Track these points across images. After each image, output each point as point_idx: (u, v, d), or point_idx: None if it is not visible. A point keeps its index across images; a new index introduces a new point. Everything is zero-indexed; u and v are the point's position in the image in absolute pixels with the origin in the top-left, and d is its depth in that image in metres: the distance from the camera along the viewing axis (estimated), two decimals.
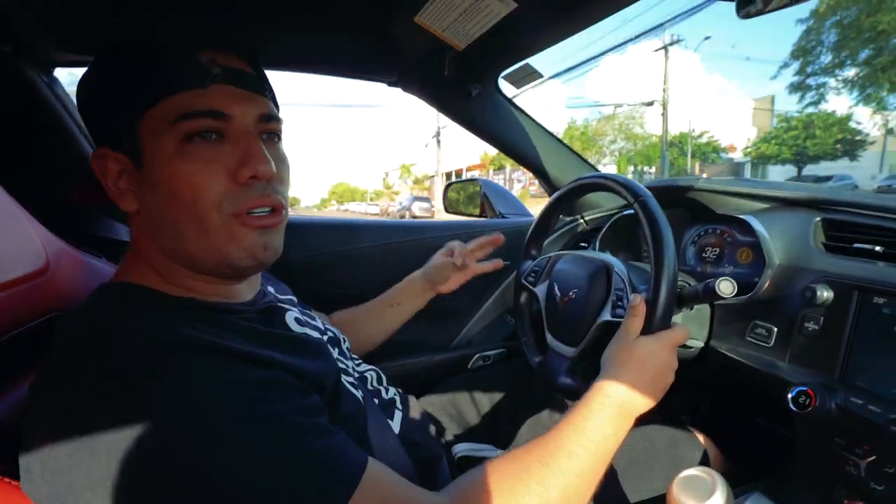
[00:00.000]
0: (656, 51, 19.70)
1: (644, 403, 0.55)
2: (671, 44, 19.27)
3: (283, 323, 0.55)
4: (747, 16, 0.55)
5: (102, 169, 0.49)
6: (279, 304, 0.59)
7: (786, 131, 21.11)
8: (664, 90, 19.61)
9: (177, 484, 0.35)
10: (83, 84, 0.51)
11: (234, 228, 0.47)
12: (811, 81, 15.84)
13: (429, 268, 0.93)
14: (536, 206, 1.16)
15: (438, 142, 28.19)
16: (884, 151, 19.34)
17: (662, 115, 19.95)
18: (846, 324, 0.60)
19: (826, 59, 15.03)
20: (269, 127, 0.51)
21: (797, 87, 16.27)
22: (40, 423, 0.38)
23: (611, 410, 0.53)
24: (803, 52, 15.41)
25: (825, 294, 0.62)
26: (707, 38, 21.58)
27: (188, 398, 0.38)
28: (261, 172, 0.47)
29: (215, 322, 0.46)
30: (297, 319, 0.57)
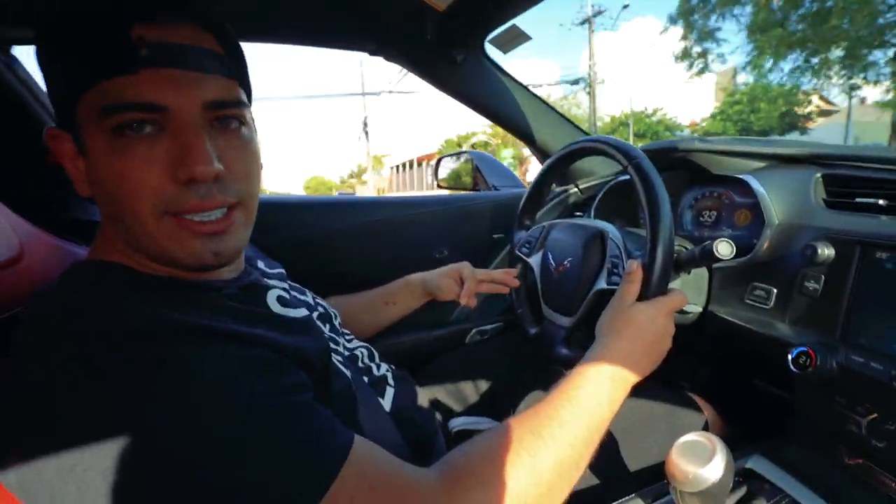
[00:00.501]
0: (580, 24, 18.39)
1: (640, 370, 0.54)
2: (594, 15, 18.11)
3: (264, 302, 0.53)
4: None
5: (59, 149, 0.45)
6: (265, 280, 0.57)
7: (731, 106, 19.18)
8: (590, 66, 18.25)
9: (151, 473, 0.34)
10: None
11: (173, 231, 0.43)
12: (696, 48, 12.96)
13: (430, 282, 0.88)
14: None
15: (367, 133, 27.59)
16: (848, 122, 16.75)
17: (589, 94, 18.66)
18: (847, 281, 0.58)
19: (710, 20, 12.24)
20: (223, 113, 0.44)
21: (682, 56, 13.37)
22: (10, 409, 0.37)
23: (605, 378, 0.52)
24: (687, 12, 12.55)
25: (826, 251, 0.60)
26: (625, 6, 20.16)
27: (161, 386, 0.36)
28: (198, 174, 0.41)
29: (194, 301, 0.44)
30: (279, 298, 0.55)
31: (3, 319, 0.48)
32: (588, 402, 0.49)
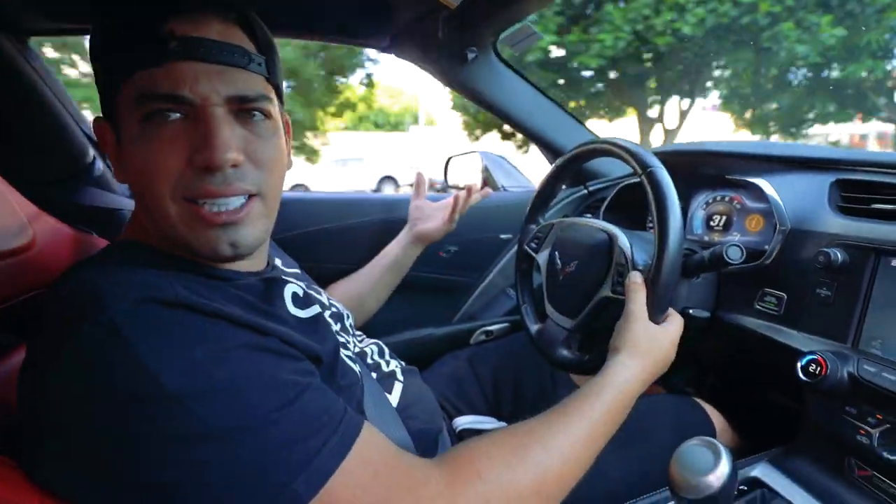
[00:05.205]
0: None
1: (643, 388, 0.58)
2: None
3: (281, 297, 0.53)
4: None
5: (103, 139, 0.49)
6: (283, 277, 0.58)
7: None
8: None
9: (168, 438, 0.35)
10: None
11: (189, 217, 0.44)
12: None
13: (413, 224, 0.97)
14: None
15: None
16: None
17: None
18: (860, 288, 0.57)
19: None
20: (246, 107, 0.45)
21: None
22: (35, 378, 0.38)
23: (619, 399, 0.54)
24: None
25: (839, 258, 0.59)
26: None
27: (178, 353, 0.37)
28: (213, 161, 0.42)
29: (213, 287, 0.45)
30: (295, 294, 0.55)
31: (17, 303, 0.49)
32: (600, 418, 0.52)
